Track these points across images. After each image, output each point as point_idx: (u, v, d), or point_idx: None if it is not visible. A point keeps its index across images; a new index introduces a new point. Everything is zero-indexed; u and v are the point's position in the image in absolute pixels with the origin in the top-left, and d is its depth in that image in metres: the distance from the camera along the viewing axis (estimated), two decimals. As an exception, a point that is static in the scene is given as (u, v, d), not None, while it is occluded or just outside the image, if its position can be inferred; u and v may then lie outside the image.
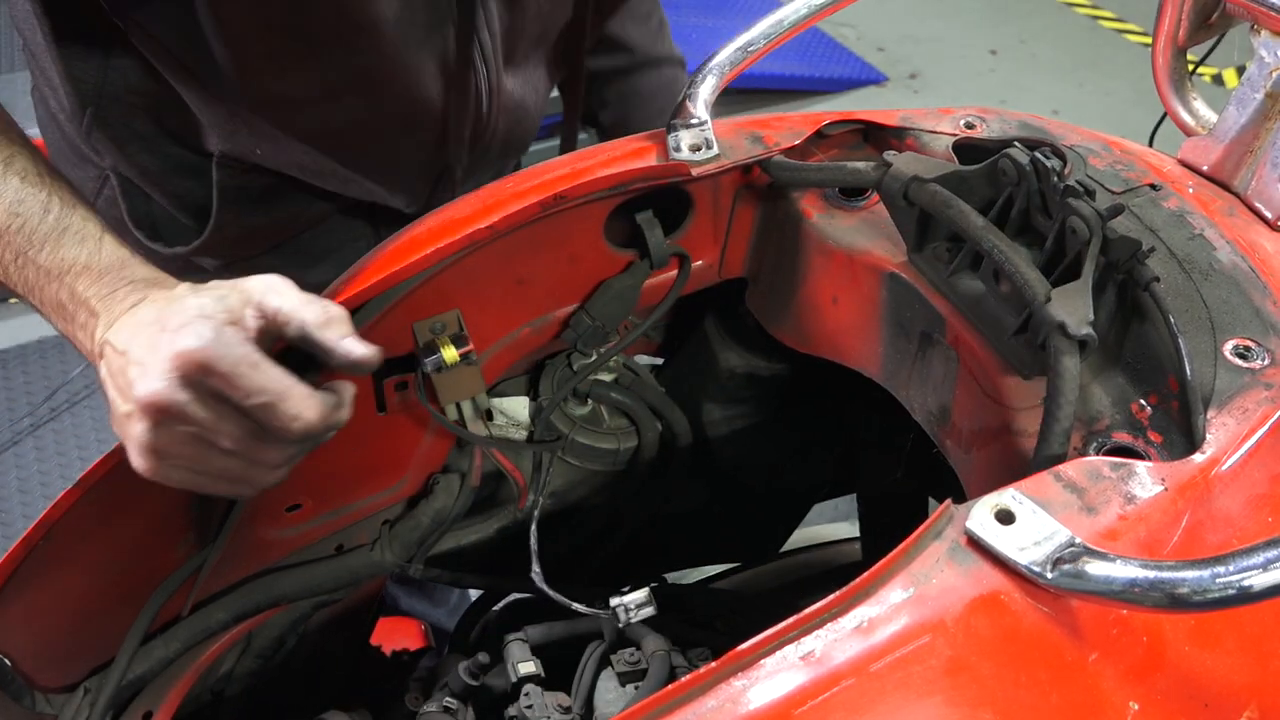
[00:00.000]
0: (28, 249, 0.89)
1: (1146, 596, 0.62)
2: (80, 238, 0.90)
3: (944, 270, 0.92)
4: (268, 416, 0.81)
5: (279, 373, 0.81)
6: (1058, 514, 0.68)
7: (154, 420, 0.80)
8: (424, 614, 1.96)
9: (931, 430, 0.97)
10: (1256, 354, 0.82)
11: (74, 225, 0.90)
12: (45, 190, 0.92)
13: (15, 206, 0.90)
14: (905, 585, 0.65)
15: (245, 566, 1.06)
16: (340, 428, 0.86)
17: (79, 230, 0.90)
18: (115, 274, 0.88)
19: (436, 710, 1.03)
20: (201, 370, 0.78)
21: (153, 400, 0.79)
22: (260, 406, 0.80)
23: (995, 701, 0.64)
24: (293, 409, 0.81)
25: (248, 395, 0.80)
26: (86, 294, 0.87)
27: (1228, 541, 0.72)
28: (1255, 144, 0.98)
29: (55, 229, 0.90)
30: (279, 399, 0.80)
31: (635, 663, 1.02)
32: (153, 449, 0.81)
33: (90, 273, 0.88)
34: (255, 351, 0.81)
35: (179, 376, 0.78)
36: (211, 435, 0.81)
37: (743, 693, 0.61)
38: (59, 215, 0.91)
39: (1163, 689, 0.68)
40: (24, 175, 0.92)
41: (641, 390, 1.21)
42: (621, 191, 1.02)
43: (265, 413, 0.81)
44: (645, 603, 0.97)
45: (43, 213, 0.90)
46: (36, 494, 2.54)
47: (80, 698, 1.00)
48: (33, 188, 0.92)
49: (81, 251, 0.89)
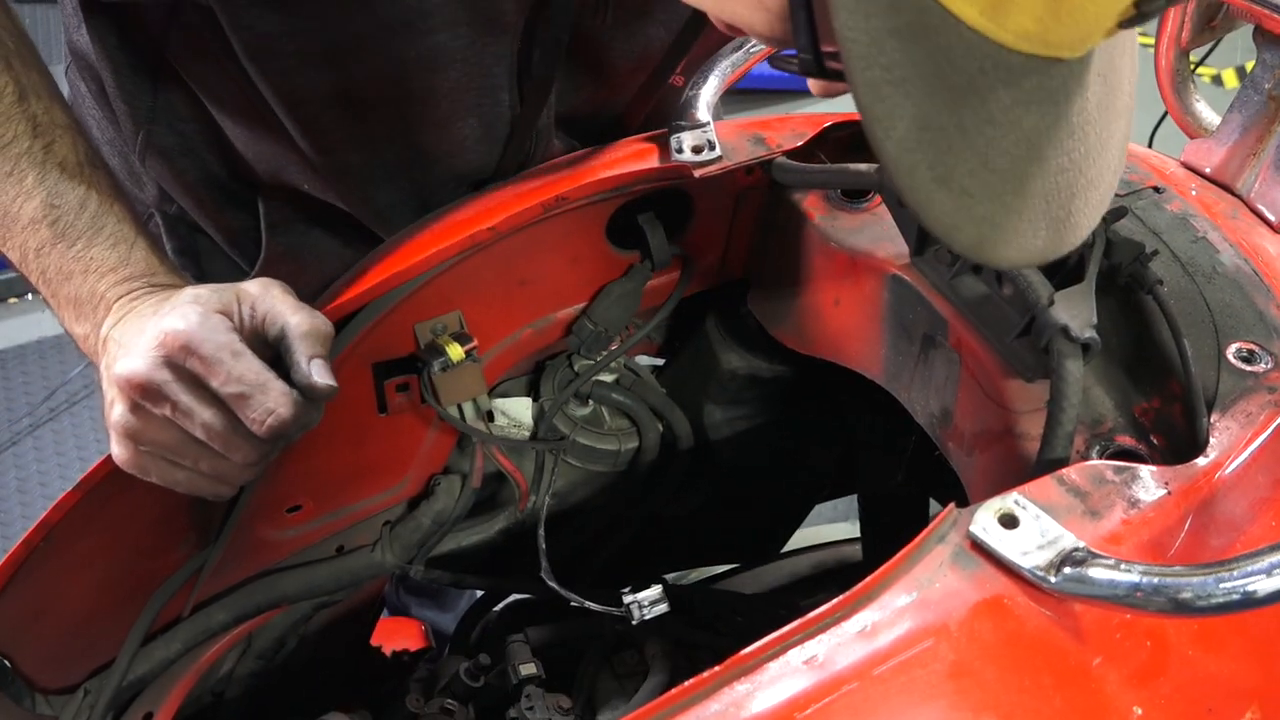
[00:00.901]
0: (58, 242, 0.87)
1: (1150, 601, 0.62)
2: (114, 240, 0.88)
3: (946, 272, 0.92)
4: (243, 407, 0.80)
5: (259, 365, 0.81)
6: (1061, 518, 0.68)
7: (132, 402, 0.80)
8: (434, 620, 1.96)
9: (933, 433, 0.97)
10: (1260, 357, 0.82)
11: (109, 226, 0.89)
12: (84, 184, 0.89)
13: (52, 198, 0.88)
14: (908, 589, 0.65)
15: (246, 567, 1.06)
16: (311, 429, 0.85)
17: (113, 232, 0.89)
18: (140, 277, 0.87)
19: (437, 711, 1.02)
20: (183, 351, 0.78)
21: (130, 377, 0.79)
22: (237, 396, 0.80)
23: (999, 706, 0.64)
24: (269, 403, 0.80)
25: (225, 383, 0.79)
26: (108, 294, 0.87)
27: (1231, 546, 0.72)
28: (1258, 146, 0.98)
29: (90, 227, 0.88)
30: (256, 390, 0.80)
31: (636, 664, 1.02)
32: (129, 433, 0.81)
33: (116, 274, 0.87)
34: (239, 342, 0.80)
35: (160, 355, 0.78)
36: (185, 421, 0.80)
37: (746, 697, 0.61)
38: (95, 213, 0.88)
39: (1166, 693, 0.68)
40: (64, 165, 0.89)
41: (643, 391, 1.21)
42: (623, 193, 1.02)
43: (241, 403, 0.80)
44: (658, 599, 0.97)
45: (79, 208, 0.88)
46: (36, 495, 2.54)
47: (81, 699, 1.00)
48: (71, 180, 0.89)
49: (113, 255, 0.88)
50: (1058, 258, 0.67)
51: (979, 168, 0.59)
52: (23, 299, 2.92)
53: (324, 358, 0.83)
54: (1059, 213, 0.63)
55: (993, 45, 0.55)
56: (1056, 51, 0.57)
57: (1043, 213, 0.62)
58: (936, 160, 0.58)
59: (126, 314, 0.86)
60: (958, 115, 0.57)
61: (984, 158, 0.58)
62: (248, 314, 0.83)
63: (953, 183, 0.58)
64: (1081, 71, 0.60)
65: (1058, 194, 0.63)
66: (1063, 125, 0.61)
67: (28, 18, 3.04)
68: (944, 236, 0.61)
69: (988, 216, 0.60)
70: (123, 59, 1.10)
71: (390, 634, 1.78)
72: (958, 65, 0.56)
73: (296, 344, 0.82)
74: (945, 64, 0.56)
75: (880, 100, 0.56)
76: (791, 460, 1.33)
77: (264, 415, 0.80)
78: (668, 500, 1.28)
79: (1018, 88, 0.57)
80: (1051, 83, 0.59)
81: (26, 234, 0.88)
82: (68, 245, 0.87)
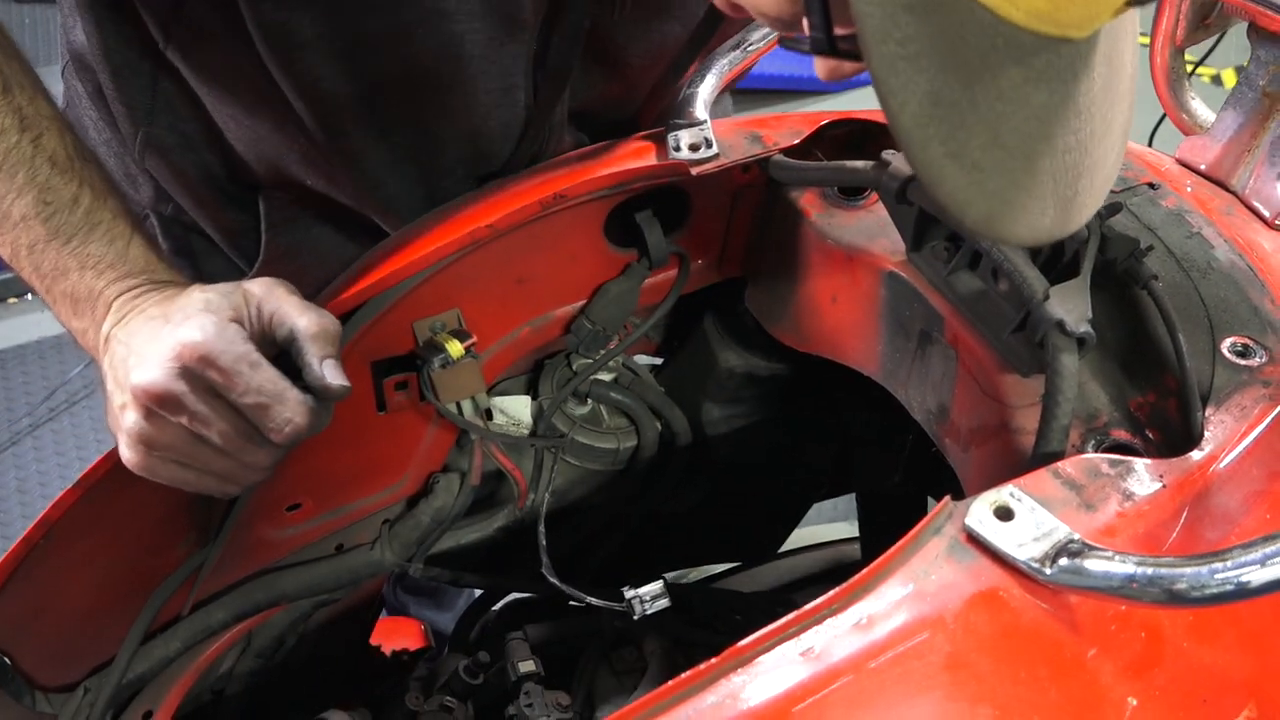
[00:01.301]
0: (52, 239, 0.86)
1: (1145, 592, 0.62)
2: (110, 236, 0.87)
3: (943, 269, 0.92)
4: (261, 417, 0.81)
5: (276, 375, 0.81)
6: (1056, 510, 0.68)
7: (147, 410, 0.80)
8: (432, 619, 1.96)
9: (930, 429, 0.97)
10: (1254, 352, 0.83)
11: (104, 221, 0.87)
12: (76, 179, 0.87)
13: (45, 195, 0.86)
14: (904, 581, 0.65)
15: (245, 566, 1.06)
16: (320, 431, 0.85)
17: (109, 227, 0.87)
18: (138, 274, 0.87)
19: (436, 709, 1.03)
20: (202, 363, 0.78)
21: (148, 388, 0.79)
22: (255, 406, 0.80)
23: (994, 697, 0.64)
24: (286, 412, 0.81)
25: (244, 393, 0.80)
26: (106, 291, 0.86)
27: (1226, 538, 0.72)
28: (1253, 143, 0.99)
29: (85, 224, 0.87)
30: (274, 401, 0.80)
31: (635, 661, 1.02)
32: (143, 440, 0.81)
33: (114, 270, 0.86)
34: (255, 351, 0.81)
35: (178, 367, 0.78)
36: (203, 430, 0.81)
37: (742, 688, 0.61)
38: (89, 208, 0.87)
39: (1161, 684, 0.68)
40: (54, 159, 0.87)
41: (641, 390, 1.21)
42: (621, 190, 1.03)
43: (258, 413, 0.81)
44: (660, 594, 0.98)
45: (72, 204, 0.87)
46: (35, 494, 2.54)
47: (80, 697, 1.00)
48: (63, 175, 0.87)
49: (110, 250, 0.87)
50: (1063, 238, 0.67)
51: (990, 143, 0.59)
52: (22, 299, 2.92)
53: (335, 358, 0.83)
54: (1066, 192, 0.64)
55: (1004, 23, 0.56)
56: (1066, 31, 0.58)
57: (1051, 191, 0.63)
58: (949, 135, 0.58)
59: (129, 313, 0.85)
60: (970, 91, 0.58)
61: (995, 133, 0.59)
62: (254, 315, 0.83)
63: (965, 157, 0.59)
64: (1088, 53, 0.61)
65: (1065, 174, 0.63)
66: (1070, 105, 0.62)
67: (27, 18, 3.04)
68: (955, 212, 0.61)
69: (998, 192, 0.61)
70: (121, 57, 1.09)
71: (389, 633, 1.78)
72: (971, 41, 0.57)
73: (307, 345, 0.83)
74: (958, 39, 0.57)
75: (895, 74, 0.57)
76: (789, 458, 1.33)
77: (283, 424, 0.81)
78: (666, 498, 1.28)
79: (1028, 65, 0.58)
80: (1060, 62, 0.60)
81: (19, 231, 0.86)
82: (62, 242, 0.86)
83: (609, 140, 1.06)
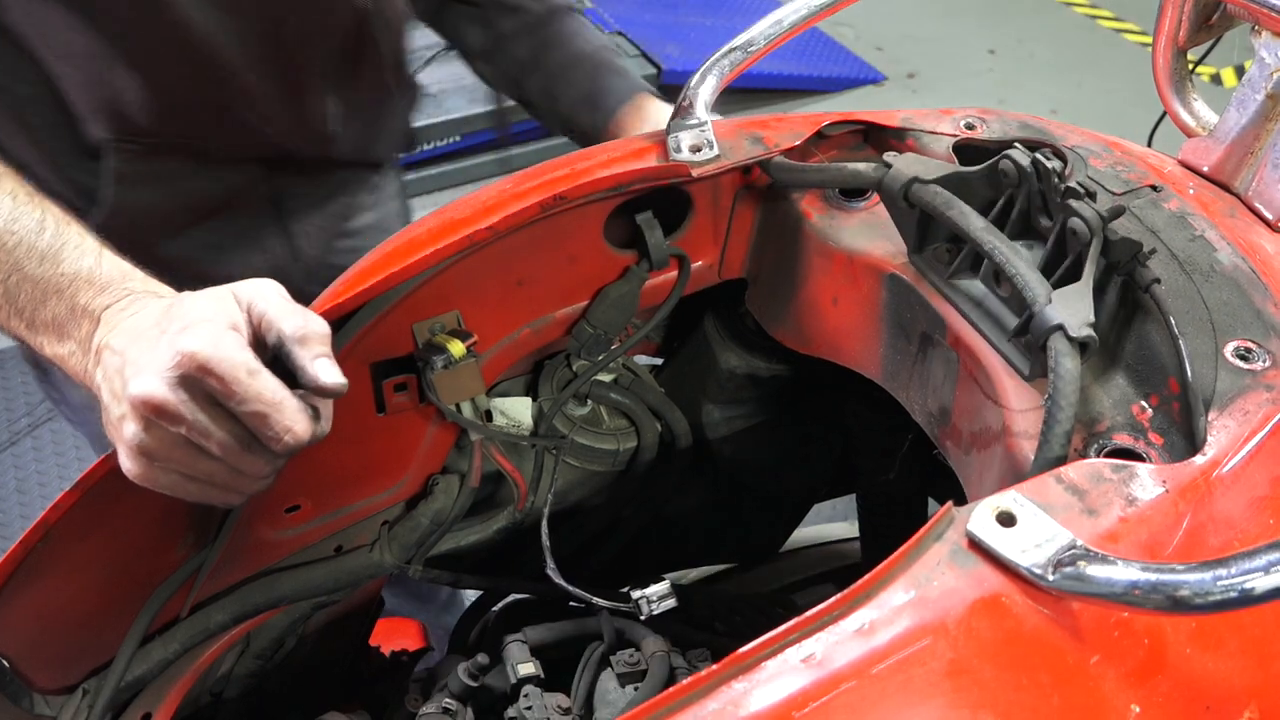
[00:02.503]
0: (25, 265, 0.89)
1: (1148, 599, 0.62)
2: (79, 252, 0.89)
3: (944, 271, 0.92)
4: (260, 425, 0.81)
5: (275, 383, 0.81)
6: (1059, 516, 0.68)
7: (146, 420, 0.80)
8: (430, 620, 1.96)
9: (931, 431, 0.97)
10: (1257, 356, 0.82)
11: (71, 240, 0.90)
12: (38, 208, 0.92)
13: (10, 224, 0.90)
14: (906, 588, 0.65)
15: (244, 568, 1.06)
16: (319, 440, 0.85)
17: (77, 245, 0.90)
18: (117, 285, 0.88)
19: (436, 711, 1.02)
20: (201, 371, 0.78)
21: (147, 398, 0.79)
22: (253, 414, 0.80)
23: (996, 704, 0.64)
24: (286, 420, 0.81)
25: (243, 402, 0.79)
26: (89, 305, 0.87)
27: (1229, 544, 0.72)
28: (1256, 145, 0.98)
29: (53, 245, 0.90)
30: (273, 409, 0.80)
31: (635, 664, 1.02)
32: (142, 450, 0.81)
33: (92, 286, 0.88)
34: (254, 359, 0.80)
35: (177, 376, 0.78)
36: (202, 439, 0.81)
37: (744, 695, 0.61)
38: (55, 232, 0.90)
39: (1164, 691, 0.68)
40: (14, 194, 0.92)
41: (641, 391, 1.21)
42: (621, 192, 1.02)
43: (258, 421, 0.80)
44: (666, 594, 0.98)
45: (38, 229, 0.90)
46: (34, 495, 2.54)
47: (79, 699, 1.00)
48: (25, 205, 0.92)
49: (82, 265, 0.88)
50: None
51: None
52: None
53: (328, 356, 0.83)
54: None
55: None
56: None
57: None
58: None
59: (119, 323, 0.85)
60: None
61: None
62: (246, 320, 0.83)
63: None
64: None
65: None
66: None
67: None
68: None
69: None
70: None
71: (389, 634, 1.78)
72: None
73: (297, 347, 0.82)
74: None
75: None
76: (790, 459, 1.33)
77: (282, 433, 0.81)
78: (666, 499, 1.28)
79: None
80: None
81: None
82: (35, 266, 0.89)
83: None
